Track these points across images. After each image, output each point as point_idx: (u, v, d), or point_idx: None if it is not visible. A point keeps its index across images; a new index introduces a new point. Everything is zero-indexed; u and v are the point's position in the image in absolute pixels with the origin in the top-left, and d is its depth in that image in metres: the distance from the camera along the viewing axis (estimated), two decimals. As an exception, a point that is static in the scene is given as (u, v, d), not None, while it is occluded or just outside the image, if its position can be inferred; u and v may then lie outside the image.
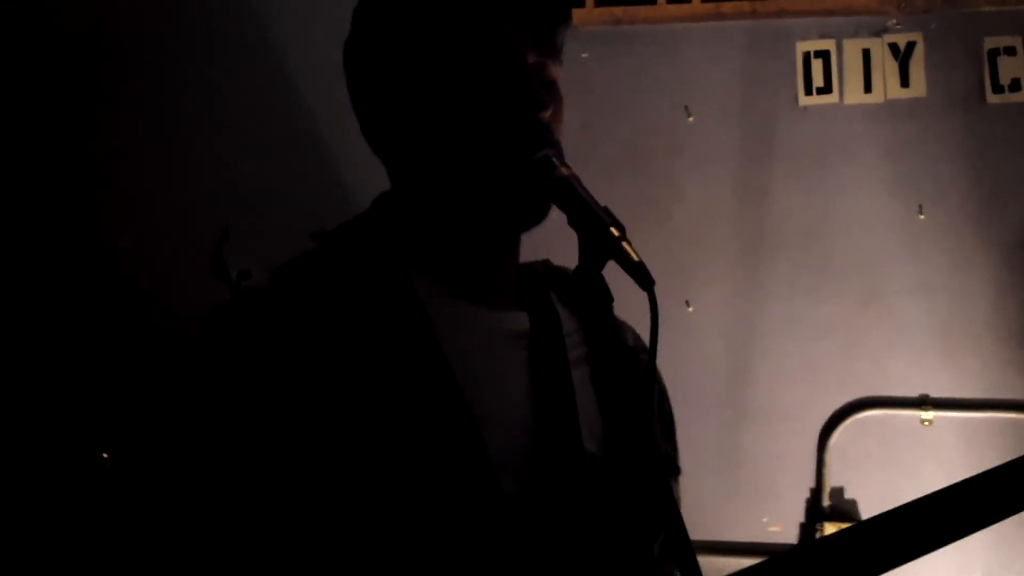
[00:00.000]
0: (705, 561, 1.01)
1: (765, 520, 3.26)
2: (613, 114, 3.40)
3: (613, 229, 1.10)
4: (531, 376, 1.32)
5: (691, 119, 3.42)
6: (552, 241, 1.40)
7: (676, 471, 1.51)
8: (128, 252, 2.05)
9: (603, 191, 1.22)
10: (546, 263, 1.49)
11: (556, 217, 1.20)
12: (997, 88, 3.23)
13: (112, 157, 2.05)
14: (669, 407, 1.52)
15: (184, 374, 1.22)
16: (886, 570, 1.24)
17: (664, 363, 1.10)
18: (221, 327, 1.23)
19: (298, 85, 2.60)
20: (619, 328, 1.47)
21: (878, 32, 3.34)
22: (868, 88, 3.32)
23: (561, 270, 1.49)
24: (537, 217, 1.29)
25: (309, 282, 1.25)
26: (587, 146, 3.26)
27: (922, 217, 3.25)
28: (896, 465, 3.19)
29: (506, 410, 1.28)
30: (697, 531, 0.99)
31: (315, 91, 2.60)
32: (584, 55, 3.34)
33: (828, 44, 3.36)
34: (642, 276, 1.07)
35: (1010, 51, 3.23)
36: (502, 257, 1.37)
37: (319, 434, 1.16)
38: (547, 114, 1.25)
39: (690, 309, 3.32)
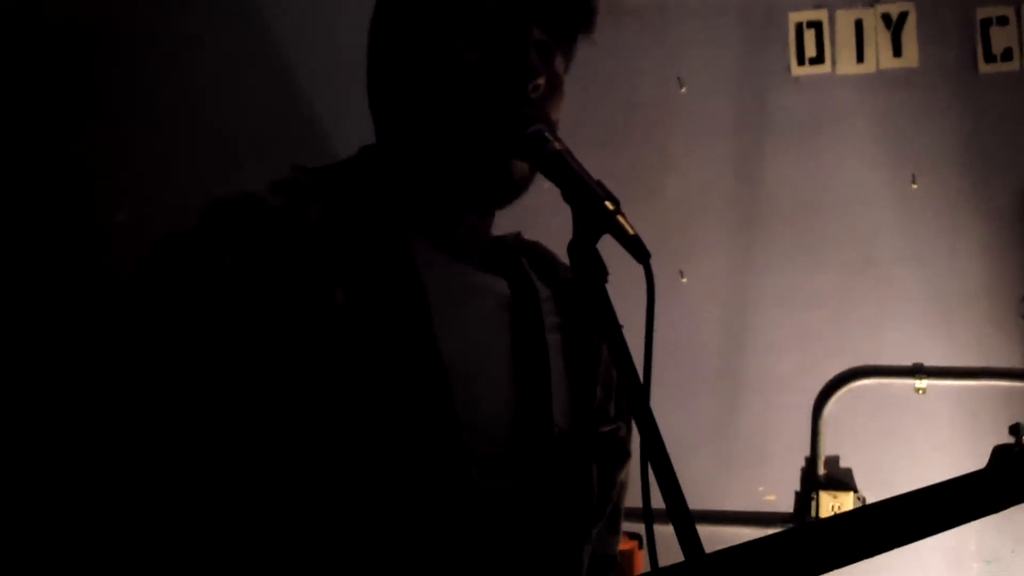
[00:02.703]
0: (701, 530, 1.01)
1: (760, 489, 3.28)
2: (606, 86, 3.39)
3: (608, 203, 1.10)
4: (511, 340, 1.33)
5: (684, 90, 3.41)
6: (547, 217, 1.40)
7: (627, 455, 1.52)
8: (124, 228, 2.05)
9: (596, 163, 1.22)
10: (517, 236, 1.50)
11: (551, 193, 1.20)
12: (989, 58, 3.23)
13: (109, 142, 2.05)
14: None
15: (169, 261, 1.22)
16: (880, 551, 1.27)
17: (658, 334, 1.11)
18: (217, 221, 1.23)
19: (299, 67, 2.60)
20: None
21: (870, 2, 3.33)
22: (860, 58, 3.32)
23: (532, 243, 1.51)
24: (511, 192, 1.30)
25: (306, 199, 1.26)
26: (580, 118, 3.25)
27: (915, 187, 3.25)
28: (890, 434, 3.20)
29: (483, 368, 1.30)
30: (692, 501, 1.00)
31: (315, 75, 2.60)
32: (576, 27, 3.32)
33: (820, 14, 3.35)
34: (638, 249, 1.07)
35: (1002, 20, 3.22)
36: (479, 223, 1.39)
37: (296, 360, 1.17)
38: (540, 82, 1.25)
39: (684, 280, 3.33)
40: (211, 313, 1.18)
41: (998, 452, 1.38)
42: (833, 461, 3.24)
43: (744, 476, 3.28)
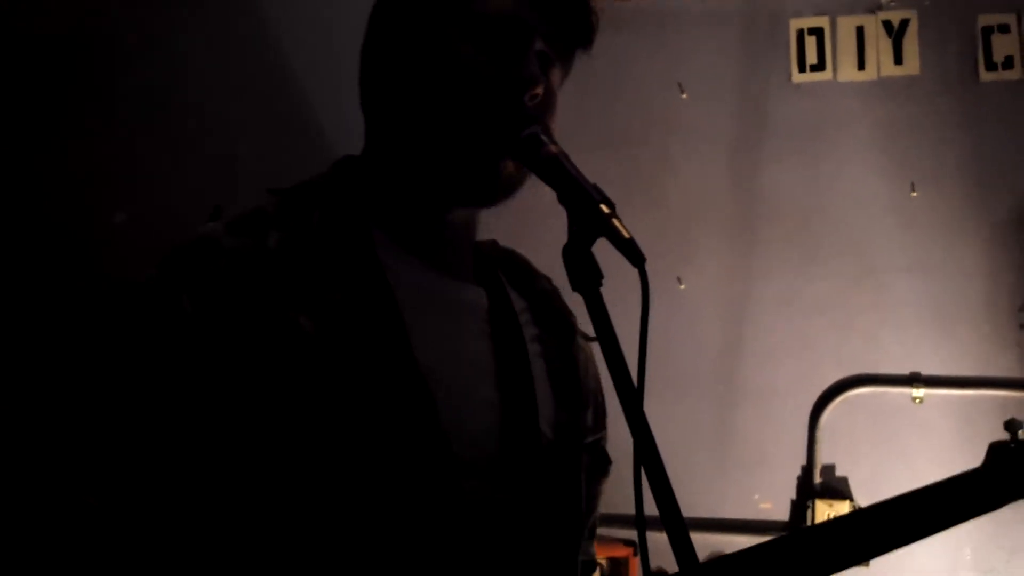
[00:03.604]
0: (697, 538, 1.01)
1: (756, 497, 3.27)
2: (607, 91, 3.39)
3: (603, 206, 1.10)
4: (493, 350, 1.33)
5: (684, 96, 3.41)
6: (542, 220, 1.39)
7: (609, 464, 1.52)
8: (122, 229, 2.05)
9: (596, 168, 1.21)
10: (493, 243, 1.49)
11: (546, 196, 1.19)
12: (990, 66, 3.23)
13: (106, 139, 2.04)
14: (603, 395, 1.52)
15: (130, 314, 1.22)
16: (875, 555, 1.26)
17: (655, 340, 1.10)
18: (175, 268, 1.22)
19: (296, 68, 2.59)
20: (566, 313, 1.48)
21: (872, 9, 3.33)
22: (861, 65, 3.32)
23: (507, 251, 1.50)
24: (503, 192, 1.29)
25: (265, 232, 1.24)
26: (581, 123, 3.25)
27: (915, 195, 3.25)
28: (887, 442, 3.20)
29: (464, 380, 1.29)
30: (688, 508, 0.99)
31: (312, 73, 2.59)
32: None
33: (822, 21, 3.35)
34: (633, 253, 1.07)
35: (1004, 29, 3.22)
36: (463, 229, 1.38)
37: (267, 390, 1.16)
38: (538, 90, 1.25)
39: (682, 286, 3.32)
40: (177, 356, 1.17)
41: (994, 449, 1.37)
42: (829, 470, 3.23)
43: (740, 484, 3.27)
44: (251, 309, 1.18)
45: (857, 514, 1.30)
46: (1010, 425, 1.37)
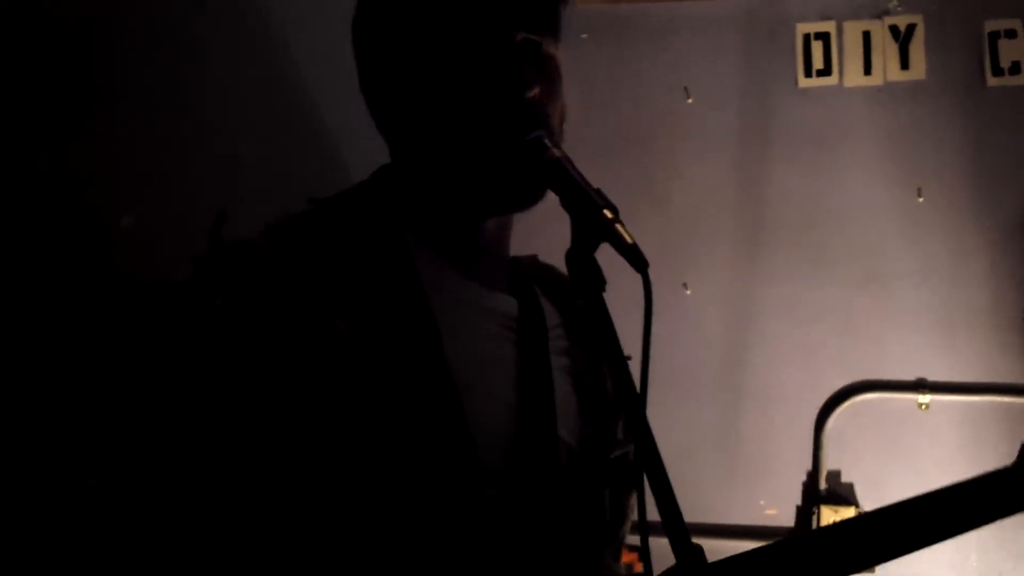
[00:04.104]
0: (702, 543, 1.00)
1: (762, 503, 3.27)
2: (612, 95, 3.39)
3: (606, 211, 1.09)
4: (518, 359, 1.32)
5: (690, 101, 3.41)
6: (546, 225, 1.39)
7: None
8: (127, 233, 2.05)
9: (601, 173, 1.21)
10: (533, 258, 1.50)
11: (550, 200, 1.19)
12: (997, 71, 3.22)
13: (109, 142, 2.04)
14: None
15: (169, 318, 1.22)
16: (881, 561, 1.24)
17: (661, 346, 1.10)
18: (211, 272, 1.23)
19: (300, 68, 2.59)
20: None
21: (878, 14, 3.32)
22: (868, 70, 3.31)
23: (547, 267, 1.50)
24: (529, 199, 1.29)
25: (302, 238, 1.25)
26: (586, 127, 3.25)
27: (921, 200, 3.24)
28: (893, 448, 3.19)
29: (492, 386, 1.29)
30: (694, 514, 0.99)
31: (317, 74, 2.59)
32: (583, 36, 3.33)
33: (828, 26, 3.34)
34: (636, 258, 1.06)
35: (1010, 34, 3.22)
36: (496, 238, 1.38)
37: (299, 390, 1.16)
38: (533, 93, 1.25)
39: (688, 292, 3.32)
40: (204, 355, 1.18)
41: None
42: (835, 476, 3.22)
43: (745, 489, 3.26)
44: (286, 311, 1.18)
45: (872, 515, 1.28)
46: None
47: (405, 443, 1.17)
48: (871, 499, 3.18)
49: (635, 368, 1.08)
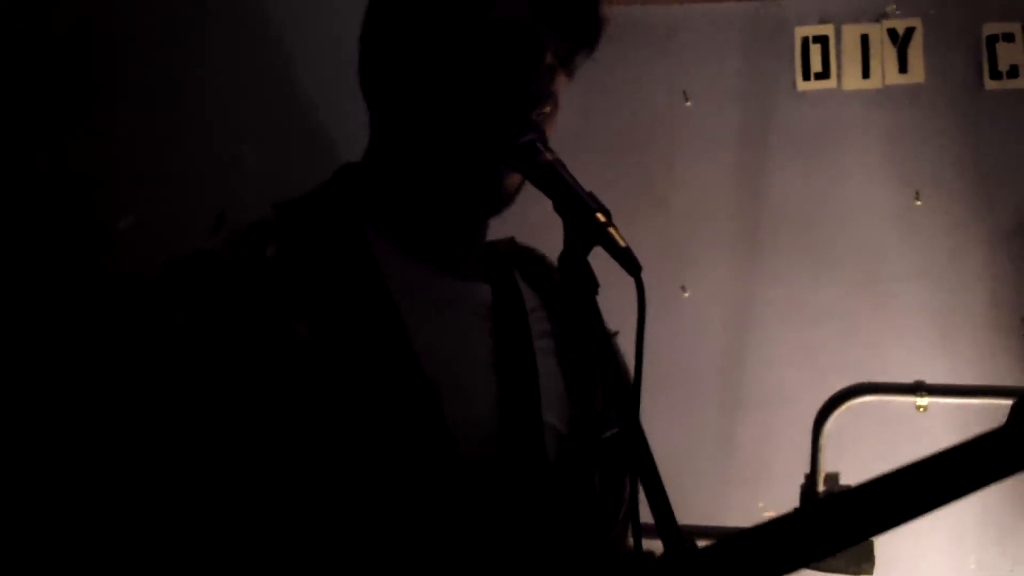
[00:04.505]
0: (700, 546, 1.01)
1: (760, 505, 3.26)
2: (611, 98, 3.38)
3: (599, 214, 1.10)
4: (495, 347, 1.33)
5: (689, 104, 3.41)
6: (537, 228, 1.40)
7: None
8: (126, 234, 2.05)
9: (600, 174, 1.22)
10: (511, 241, 1.49)
11: (542, 203, 1.19)
12: (995, 74, 3.22)
13: (109, 142, 2.04)
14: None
15: (129, 328, 1.22)
16: (872, 534, 1.23)
17: (659, 348, 1.10)
18: (170, 282, 1.23)
19: (301, 68, 2.59)
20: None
21: (877, 17, 3.32)
22: (866, 74, 3.31)
23: (525, 248, 1.50)
24: (499, 204, 1.29)
25: (261, 244, 1.25)
26: (584, 130, 3.25)
27: (919, 203, 3.24)
28: (891, 451, 3.17)
29: (466, 378, 1.29)
30: (691, 516, 0.99)
31: (316, 77, 2.60)
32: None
33: (827, 29, 3.34)
34: (629, 262, 1.07)
35: (1009, 37, 3.21)
36: (468, 229, 1.37)
37: (265, 399, 1.17)
38: (547, 110, 1.25)
39: (686, 294, 3.32)
40: (175, 370, 1.18)
41: (1019, 407, 1.32)
42: (833, 478, 3.21)
43: (743, 492, 3.26)
44: (247, 320, 1.18)
45: (865, 486, 1.26)
46: None
47: (380, 441, 1.17)
48: (869, 501, 3.17)
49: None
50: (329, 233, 1.28)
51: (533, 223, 1.39)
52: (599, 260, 1.13)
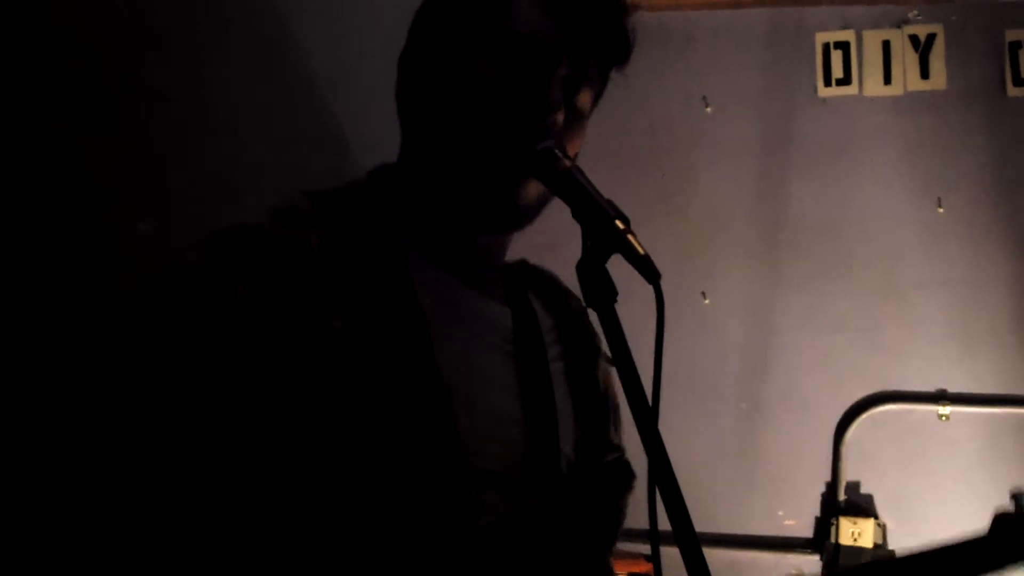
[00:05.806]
0: (721, 554, 1.00)
1: (780, 513, 3.25)
2: (631, 105, 3.38)
3: (618, 221, 1.09)
4: (515, 368, 1.33)
5: (709, 110, 3.40)
6: (556, 235, 1.39)
7: (632, 478, 1.51)
8: (146, 236, 2.06)
9: (620, 181, 1.21)
10: (523, 262, 1.49)
11: (560, 210, 1.19)
12: (1018, 81, 3.21)
13: (116, 141, 2.05)
14: (617, 404, 1.52)
15: (185, 305, 1.20)
16: None
17: (680, 355, 1.10)
18: (226, 250, 1.22)
19: (318, 77, 2.60)
20: (591, 333, 1.49)
21: (898, 23, 3.31)
22: (888, 80, 3.30)
23: (537, 269, 1.50)
24: (519, 215, 1.29)
25: (307, 230, 1.25)
26: (604, 136, 3.24)
27: (941, 211, 3.23)
28: (912, 460, 3.17)
29: (483, 394, 1.29)
30: (712, 524, 0.99)
31: (335, 83, 2.60)
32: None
33: (848, 35, 3.33)
34: (648, 269, 1.06)
35: (1031, 43, 3.20)
36: (491, 245, 1.37)
37: (296, 386, 1.16)
38: (557, 118, 1.24)
39: (706, 301, 3.31)
40: (225, 342, 1.16)
41: (999, 519, 1.33)
42: (854, 487, 3.21)
43: (764, 500, 3.25)
44: (293, 304, 1.18)
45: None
46: (1017, 498, 1.33)
47: (393, 443, 1.17)
48: (890, 511, 3.16)
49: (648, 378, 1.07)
50: (365, 235, 1.28)
51: (551, 231, 1.39)
52: (618, 268, 1.12)
